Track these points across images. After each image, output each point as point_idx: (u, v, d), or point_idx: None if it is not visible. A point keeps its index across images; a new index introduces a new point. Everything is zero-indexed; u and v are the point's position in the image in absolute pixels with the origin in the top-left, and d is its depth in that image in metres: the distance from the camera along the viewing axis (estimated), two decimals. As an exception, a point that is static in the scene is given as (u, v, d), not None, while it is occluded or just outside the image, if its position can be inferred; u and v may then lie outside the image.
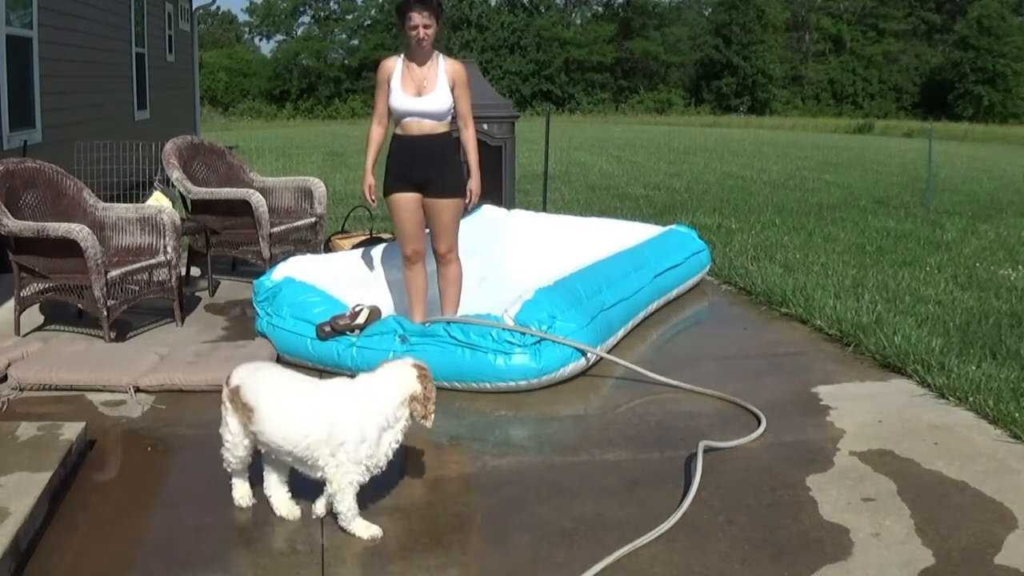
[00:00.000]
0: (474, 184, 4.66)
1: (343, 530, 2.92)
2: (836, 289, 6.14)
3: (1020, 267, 7.15)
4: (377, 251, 5.47)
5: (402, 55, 4.59)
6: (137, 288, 5.25)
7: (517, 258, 6.26)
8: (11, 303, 5.20)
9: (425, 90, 4.50)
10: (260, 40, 55.23)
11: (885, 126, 36.89)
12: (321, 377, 4.40)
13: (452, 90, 4.54)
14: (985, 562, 2.81)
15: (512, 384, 4.23)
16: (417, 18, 4.38)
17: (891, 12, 49.35)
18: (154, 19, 13.73)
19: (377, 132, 4.66)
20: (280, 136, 25.06)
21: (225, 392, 3.03)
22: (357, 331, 4.49)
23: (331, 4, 50.64)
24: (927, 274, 6.88)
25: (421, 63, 4.51)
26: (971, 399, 4.11)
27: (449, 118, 4.61)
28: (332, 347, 4.47)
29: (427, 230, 4.74)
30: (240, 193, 6.17)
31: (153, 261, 5.31)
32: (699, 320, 5.90)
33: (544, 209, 9.13)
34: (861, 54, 48.83)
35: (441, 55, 4.60)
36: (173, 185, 6.49)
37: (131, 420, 3.92)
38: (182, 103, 16.08)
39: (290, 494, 3.09)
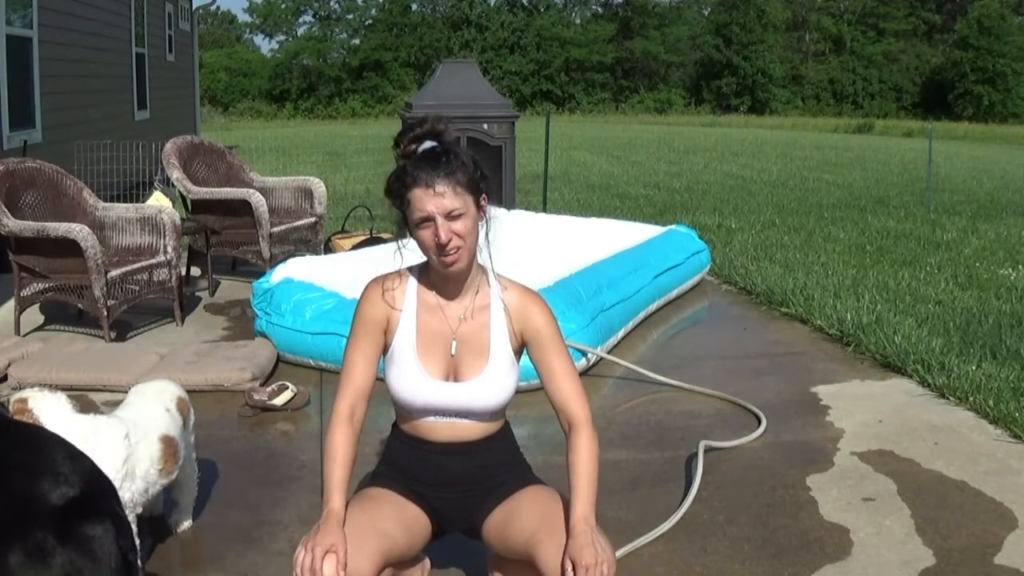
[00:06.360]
0: (586, 548, 1.99)
1: None
2: (836, 289, 6.14)
3: (1020, 267, 7.15)
4: (377, 251, 5.47)
5: (412, 275, 2.31)
6: (137, 288, 5.25)
7: (517, 258, 6.24)
8: (11, 303, 5.20)
9: (467, 366, 2.26)
10: (262, 39, 55.29)
11: (885, 126, 36.84)
12: (321, 378, 4.44)
13: (521, 350, 2.34)
14: (985, 562, 2.81)
15: (512, 384, 4.22)
16: (429, 202, 2.10)
17: (891, 12, 49.33)
18: (154, 19, 13.73)
19: (342, 441, 2.18)
20: (280, 136, 25.06)
21: None
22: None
23: (331, 3, 50.63)
24: (927, 274, 6.88)
25: (454, 295, 2.28)
26: (971, 399, 4.11)
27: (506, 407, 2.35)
28: (336, 343, 4.44)
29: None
30: (240, 193, 6.17)
31: (153, 261, 5.31)
32: (699, 320, 5.90)
33: (544, 209, 9.14)
34: (861, 54, 48.81)
35: (493, 275, 2.32)
36: (173, 185, 6.50)
37: (131, 420, 3.91)
38: (182, 103, 16.08)
39: None
